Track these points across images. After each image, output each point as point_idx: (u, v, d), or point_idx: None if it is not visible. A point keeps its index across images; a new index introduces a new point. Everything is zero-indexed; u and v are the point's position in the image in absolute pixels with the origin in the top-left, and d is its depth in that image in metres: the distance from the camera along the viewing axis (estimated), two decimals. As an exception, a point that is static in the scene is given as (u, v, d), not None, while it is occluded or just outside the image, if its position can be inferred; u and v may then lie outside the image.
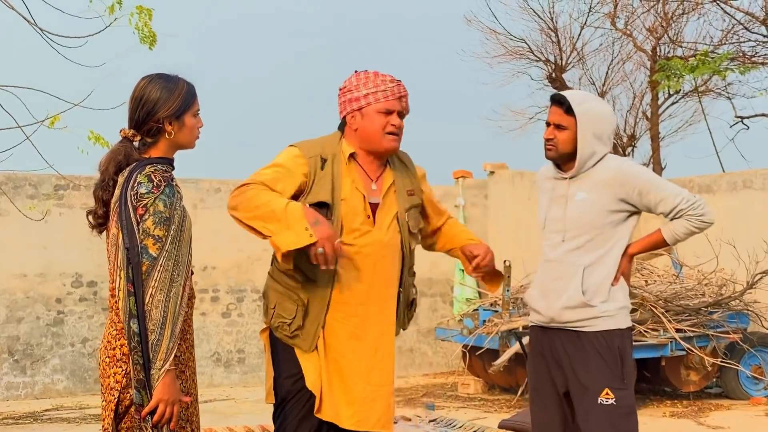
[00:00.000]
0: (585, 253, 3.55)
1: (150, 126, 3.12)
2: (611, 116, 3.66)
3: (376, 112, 3.58)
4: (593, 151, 3.59)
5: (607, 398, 3.45)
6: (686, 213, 3.53)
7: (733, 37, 14.20)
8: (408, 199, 3.69)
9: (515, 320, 8.76)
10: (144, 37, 7.04)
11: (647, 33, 15.12)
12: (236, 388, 10.43)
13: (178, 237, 3.01)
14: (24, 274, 9.75)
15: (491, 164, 11.88)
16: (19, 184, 9.76)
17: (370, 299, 3.58)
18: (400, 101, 3.62)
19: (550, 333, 3.65)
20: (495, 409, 8.68)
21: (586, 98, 3.67)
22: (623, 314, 3.55)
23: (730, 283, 9.14)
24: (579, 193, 3.61)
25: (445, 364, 11.73)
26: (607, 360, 3.48)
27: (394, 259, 3.64)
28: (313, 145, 3.62)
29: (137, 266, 2.97)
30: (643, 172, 3.62)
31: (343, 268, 3.53)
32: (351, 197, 3.55)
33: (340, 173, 3.56)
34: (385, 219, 3.61)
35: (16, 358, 9.64)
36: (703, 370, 8.78)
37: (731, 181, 10.92)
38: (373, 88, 3.59)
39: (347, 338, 3.57)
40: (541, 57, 15.51)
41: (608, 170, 3.58)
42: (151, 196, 2.99)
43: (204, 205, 10.52)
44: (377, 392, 3.58)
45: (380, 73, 3.65)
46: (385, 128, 3.59)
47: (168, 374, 2.95)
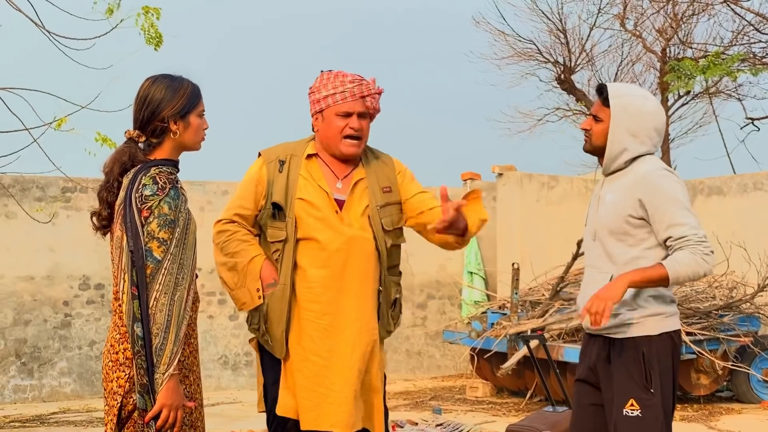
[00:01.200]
0: (613, 260, 3.41)
1: (155, 126, 3.10)
2: (655, 114, 3.42)
3: (334, 114, 3.53)
4: (624, 148, 3.39)
5: (633, 410, 3.31)
6: (693, 245, 3.24)
7: (743, 38, 14.11)
8: (383, 196, 3.63)
9: (523, 323, 8.70)
10: (150, 38, 7.02)
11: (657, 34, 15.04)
12: (243, 391, 10.40)
13: (183, 240, 2.98)
14: (31, 277, 9.74)
15: (500, 166, 11.82)
16: (26, 187, 9.75)
17: (343, 296, 3.51)
18: (362, 102, 3.54)
19: (590, 339, 3.54)
20: (503, 412, 8.62)
21: (629, 92, 3.45)
22: (653, 321, 3.37)
23: (740, 285, 9.06)
24: (609, 194, 3.45)
25: (453, 367, 11.68)
26: (631, 370, 3.34)
27: (368, 255, 3.56)
28: (276, 149, 3.63)
29: (141, 269, 2.94)
30: (671, 187, 3.32)
31: (311, 266, 3.49)
32: (311, 195, 3.52)
33: (297, 173, 3.54)
34: (353, 214, 3.56)
35: (23, 361, 9.62)
36: (713, 374, 8.70)
37: (742, 183, 10.84)
38: (332, 89, 3.53)
39: (322, 337, 3.50)
40: (549, 58, 15.43)
41: (637, 174, 3.37)
42: (156, 198, 2.96)
43: (211, 207, 10.49)
44: (355, 392, 3.50)
45: (343, 72, 3.58)
46: (342, 132, 3.53)
47: (172, 379, 2.92)
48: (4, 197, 9.49)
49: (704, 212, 11.13)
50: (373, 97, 3.59)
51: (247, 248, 3.53)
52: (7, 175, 9.32)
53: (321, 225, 3.51)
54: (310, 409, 3.46)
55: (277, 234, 3.52)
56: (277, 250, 3.51)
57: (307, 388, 3.47)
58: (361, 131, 3.57)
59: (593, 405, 3.51)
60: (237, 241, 3.55)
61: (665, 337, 3.38)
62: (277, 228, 3.52)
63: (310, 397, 3.47)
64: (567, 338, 8.38)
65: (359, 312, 3.54)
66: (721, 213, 10.85)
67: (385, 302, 3.67)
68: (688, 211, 3.30)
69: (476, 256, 11.58)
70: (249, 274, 3.47)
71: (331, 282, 3.50)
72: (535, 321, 8.68)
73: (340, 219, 3.54)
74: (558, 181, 11.95)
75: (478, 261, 11.55)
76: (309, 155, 3.60)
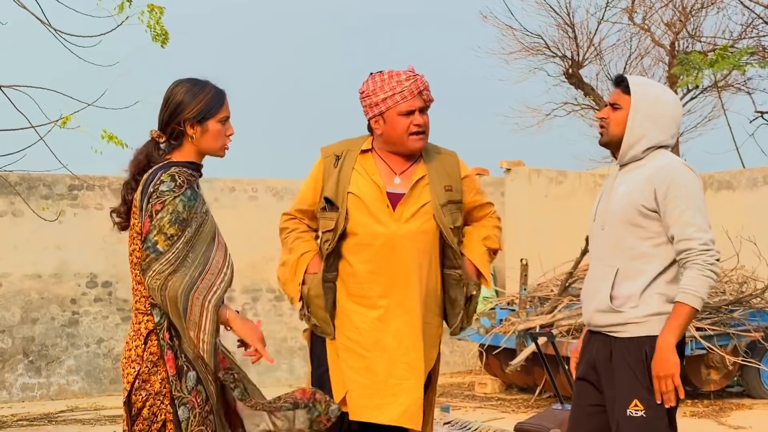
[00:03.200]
0: (621, 252, 3.34)
1: (173, 128, 3.14)
2: (674, 104, 3.39)
3: (397, 114, 3.55)
4: (643, 134, 3.33)
5: (636, 410, 3.26)
6: (696, 256, 3.18)
7: (752, 31, 14.04)
8: (445, 194, 3.63)
9: (532, 319, 8.66)
10: (156, 35, 6.99)
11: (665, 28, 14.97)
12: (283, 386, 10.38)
13: (194, 238, 3.02)
14: (38, 275, 9.73)
15: (508, 161, 11.79)
16: (33, 185, 9.75)
17: (393, 290, 3.55)
18: (420, 97, 3.57)
19: (592, 336, 3.48)
20: (512, 409, 8.59)
21: (648, 82, 3.47)
22: (657, 320, 3.28)
23: (750, 280, 9.00)
24: (622, 185, 3.38)
25: (462, 363, 11.64)
26: (635, 369, 3.28)
27: (420, 250, 3.57)
28: (334, 145, 3.71)
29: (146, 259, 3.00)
30: (686, 183, 3.25)
31: (357, 260, 3.55)
32: (361, 189, 3.57)
33: (350, 167, 3.60)
34: (408, 210, 3.57)
35: (31, 359, 9.62)
36: (723, 369, 8.65)
37: (751, 177, 10.77)
38: (389, 91, 3.55)
39: (369, 330, 3.56)
40: (557, 53, 15.39)
41: (655, 167, 3.30)
42: (172, 194, 3.00)
43: (218, 204, 10.46)
44: (401, 385, 3.53)
45: (395, 72, 3.59)
46: (408, 130, 3.56)
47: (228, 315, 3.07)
48: (11, 195, 9.48)
49: (713, 207, 11.04)
50: (429, 90, 3.63)
51: (300, 244, 3.66)
52: (14, 173, 9.31)
53: (369, 220, 3.56)
54: (351, 399, 3.53)
55: (327, 224, 3.61)
56: (327, 240, 3.60)
57: (350, 378, 3.55)
58: (425, 126, 3.61)
59: (593, 405, 3.45)
60: (293, 237, 3.69)
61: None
62: (328, 218, 3.60)
63: (353, 387, 3.55)
64: (576, 334, 8.33)
65: (407, 306, 3.56)
66: (730, 207, 10.78)
67: (451, 299, 3.68)
68: (699, 212, 3.23)
69: (484, 251, 11.54)
70: (298, 269, 3.60)
71: (377, 277, 3.55)
72: (543, 317, 8.64)
73: (391, 214, 3.56)
74: (566, 176, 11.90)
75: (486, 257, 11.50)
76: (364, 150, 3.64)
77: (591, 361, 3.45)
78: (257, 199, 10.75)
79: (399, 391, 3.52)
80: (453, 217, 3.64)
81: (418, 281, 3.57)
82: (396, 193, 3.58)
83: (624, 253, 3.32)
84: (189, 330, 2.96)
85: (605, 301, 3.34)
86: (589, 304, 3.44)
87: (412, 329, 3.56)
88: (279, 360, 10.60)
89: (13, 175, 9.42)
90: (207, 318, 2.97)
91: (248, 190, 10.76)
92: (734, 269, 8.94)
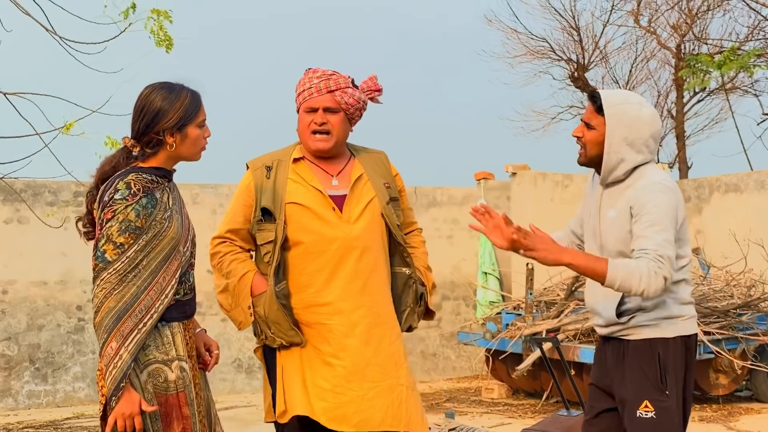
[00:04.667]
0: None
1: (150, 138, 3.05)
2: (651, 122, 3.30)
3: (303, 111, 3.53)
4: (621, 158, 3.28)
5: (647, 411, 3.26)
6: (649, 259, 3.09)
7: (759, 33, 13.98)
8: (386, 191, 3.60)
9: (538, 324, 8.62)
10: (160, 40, 6.98)
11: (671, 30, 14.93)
12: (258, 394, 10.34)
13: (150, 245, 2.94)
14: (44, 282, 9.73)
15: (513, 165, 11.75)
16: (38, 192, 9.74)
17: (352, 293, 3.44)
18: (331, 96, 3.48)
19: (605, 342, 3.48)
20: (519, 414, 8.54)
21: (623, 99, 3.33)
22: (669, 323, 3.30)
23: (759, 284, 8.94)
24: (611, 210, 3.35)
25: (468, 368, 11.60)
26: (646, 370, 3.28)
27: (373, 249, 3.50)
28: (263, 157, 3.59)
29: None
30: (656, 204, 3.19)
31: (312, 268, 3.44)
32: (303, 197, 3.47)
33: (285, 177, 3.49)
34: (355, 209, 3.51)
35: (36, 366, 9.61)
36: (732, 374, 8.59)
37: (759, 179, 10.71)
38: (301, 87, 3.53)
39: (335, 337, 3.44)
40: (563, 56, 15.36)
41: (635, 188, 3.27)
42: (124, 203, 2.92)
43: (223, 210, 10.45)
44: (375, 389, 3.43)
45: (314, 69, 3.55)
46: (309, 127, 3.51)
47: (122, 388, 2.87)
48: (16, 202, 9.48)
49: (721, 209, 11.02)
50: (344, 91, 3.50)
51: (237, 266, 3.50)
52: (19, 180, 9.31)
53: (318, 225, 3.45)
54: (331, 409, 3.40)
55: (266, 236, 3.47)
56: (267, 252, 3.46)
57: (327, 390, 3.41)
58: (327, 125, 3.50)
59: (606, 411, 3.45)
60: (228, 261, 3.51)
61: (680, 340, 3.32)
62: (266, 230, 3.47)
63: (329, 397, 3.40)
64: (583, 339, 8.29)
65: (369, 308, 3.48)
66: (738, 210, 10.72)
67: (396, 296, 3.60)
68: (663, 230, 3.16)
69: (491, 256, 11.50)
70: (240, 292, 3.44)
71: (336, 281, 3.44)
72: (550, 322, 8.59)
73: (340, 216, 3.48)
74: (572, 179, 11.85)
75: (492, 261, 11.46)
76: (296, 159, 3.56)
77: (604, 366, 3.46)
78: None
79: (374, 395, 3.42)
80: (396, 214, 3.61)
81: (376, 281, 3.51)
82: (338, 195, 3.52)
83: None
84: (101, 360, 2.88)
85: (613, 318, 3.35)
86: (598, 318, 3.45)
87: (377, 330, 3.48)
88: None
89: (19, 182, 9.42)
90: (121, 360, 2.85)
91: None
92: (742, 272, 8.88)
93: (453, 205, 11.84)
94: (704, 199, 11.26)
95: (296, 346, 3.46)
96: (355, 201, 3.53)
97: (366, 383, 3.42)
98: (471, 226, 3.36)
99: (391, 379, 3.47)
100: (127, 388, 2.88)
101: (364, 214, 3.52)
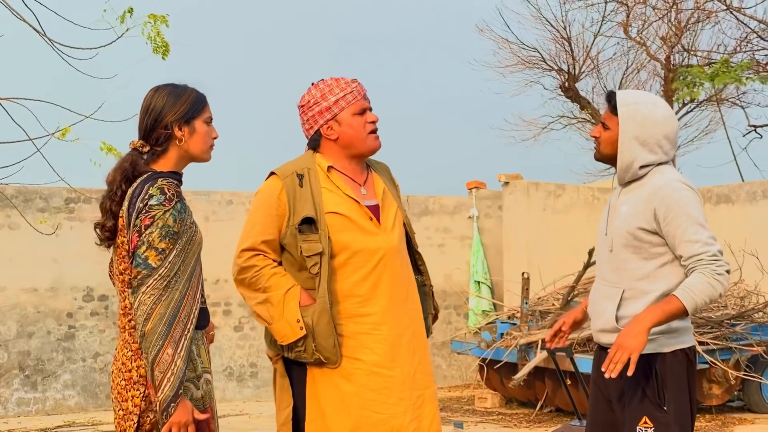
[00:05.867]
0: (627, 274, 3.32)
1: (158, 134, 3.03)
2: (663, 121, 3.31)
3: (351, 115, 3.49)
4: (634, 157, 3.30)
5: (646, 427, 3.26)
6: (705, 265, 3.13)
7: (747, 45, 14.06)
8: (400, 201, 3.67)
9: (534, 333, 8.61)
10: (156, 47, 6.94)
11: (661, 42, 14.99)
12: (249, 402, 10.29)
13: (185, 250, 2.92)
14: (35, 289, 9.65)
15: (505, 175, 11.76)
16: (29, 198, 9.67)
17: (395, 303, 3.46)
18: (366, 98, 3.54)
19: (602, 352, 3.45)
20: (514, 423, 8.52)
21: (638, 99, 3.36)
22: (665, 338, 3.28)
23: (752, 294, 8.97)
24: (624, 206, 3.36)
25: (459, 377, 11.58)
26: (644, 387, 3.27)
27: (405, 258, 3.56)
28: (288, 165, 3.53)
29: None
30: (685, 201, 3.21)
31: (358, 278, 3.42)
32: (341, 207, 3.44)
33: (319, 186, 3.45)
34: (389, 219, 3.53)
35: (27, 374, 9.52)
36: (725, 384, 8.60)
37: (751, 191, 10.76)
38: (340, 92, 3.50)
39: (384, 348, 3.42)
40: (554, 66, 15.38)
41: (653, 186, 3.27)
42: (162, 208, 2.89)
43: (216, 217, 10.41)
44: (424, 395, 3.49)
45: (336, 77, 3.56)
46: (366, 128, 3.51)
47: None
48: (7, 208, 9.41)
49: (713, 220, 11.01)
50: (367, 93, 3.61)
51: (279, 280, 3.41)
52: (10, 185, 9.23)
53: (360, 236, 3.44)
54: (382, 422, 3.38)
55: (313, 247, 3.39)
56: (315, 263, 3.39)
57: (377, 401, 3.39)
58: (377, 122, 3.58)
59: (606, 422, 3.45)
60: (267, 275, 3.41)
61: (679, 353, 3.30)
62: (311, 241, 3.39)
63: (382, 409, 3.39)
64: (578, 348, 8.28)
65: (411, 317, 3.52)
66: (729, 221, 10.76)
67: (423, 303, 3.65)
68: (702, 227, 3.19)
69: (483, 265, 11.50)
70: (287, 305, 3.36)
71: (381, 292, 3.44)
72: (545, 331, 8.58)
73: (378, 226, 3.48)
74: (564, 189, 11.87)
75: (485, 270, 11.46)
76: (328, 167, 3.52)
77: (602, 379, 3.40)
78: (255, 212, 10.68)
79: (422, 403, 3.47)
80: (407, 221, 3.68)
81: (413, 290, 3.56)
82: (371, 205, 3.51)
83: (629, 275, 3.31)
84: (156, 366, 2.81)
85: (611, 322, 3.33)
86: (596, 323, 3.44)
87: (419, 338, 3.53)
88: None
89: (10, 188, 9.34)
90: (176, 366, 2.83)
91: (245, 203, 10.71)
92: (736, 283, 8.90)
93: (445, 214, 11.83)
94: (696, 209, 11.31)
95: (330, 365, 3.39)
96: (386, 210, 3.54)
97: (416, 391, 3.46)
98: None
99: (432, 385, 3.55)
100: (182, 397, 2.84)
101: (396, 223, 3.54)
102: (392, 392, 3.41)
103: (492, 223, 11.93)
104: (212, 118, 3.14)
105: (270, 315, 3.40)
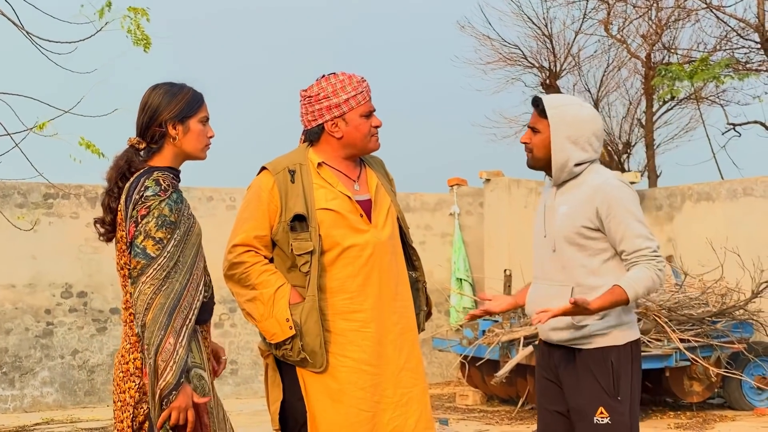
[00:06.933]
0: (572, 272, 3.41)
1: (153, 131, 3.09)
2: (591, 120, 3.45)
3: (359, 116, 3.50)
4: (568, 157, 3.43)
5: (602, 417, 3.36)
6: (647, 260, 3.31)
7: (726, 44, 14.13)
8: (394, 196, 3.68)
9: (516, 330, 8.60)
10: (137, 39, 6.86)
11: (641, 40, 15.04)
12: (229, 400, 10.23)
13: (183, 241, 2.96)
14: (12, 285, 9.54)
15: (487, 172, 11.75)
16: (7, 193, 9.55)
17: (383, 300, 3.46)
18: (371, 100, 3.57)
19: (550, 349, 3.55)
20: (496, 420, 8.52)
21: (564, 101, 3.50)
22: (618, 331, 3.40)
23: (733, 292, 9.01)
24: (563, 206, 3.47)
25: (440, 374, 11.57)
26: (599, 378, 3.38)
27: (397, 254, 3.56)
28: (280, 160, 3.55)
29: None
30: (624, 199, 3.37)
31: (347, 275, 3.42)
32: (333, 203, 3.45)
33: (311, 183, 3.46)
34: (380, 215, 3.53)
35: (4, 371, 9.41)
36: (706, 381, 8.63)
37: (731, 188, 10.80)
38: (351, 91, 3.49)
39: (371, 345, 3.43)
40: (535, 63, 15.41)
41: (591, 186, 3.41)
42: (157, 198, 2.94)
43: (196, 213, 10.19)
44: (410, 393, 3.49)
45: (348, 74, 3.55)
46: (370, 131, 3.54)
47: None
48: (-15, 203, 9.29)
49: (693, 218, 11.09)
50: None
51: (269, 278, 3.40)
52: (-12, 180, 9.13)
53: (350, 232, 3.43)
54: (367, 420, 3.40)
55: (303, 246, 3.39)
56: (306, 262, 3.39)
57: (364, 399, 3.41)
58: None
59: (558, 412, 3.53)
60: (257, 272, 3.41)
61: (629, 346, 3.45)
62: (302, 239, 3.39)
63: (367, 407, 3.41)
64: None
65: (400, 314, 3.51)
66: (709, 219, 10.81)
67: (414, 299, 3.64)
68: (641, 224, 3.36)
69: (465, 262, 11.48)
70: (276, 304, 3.35)
71: (370, 289, 3.44)
72: (527, 328, 8.58)
73: (367, 223, 3.48)
74: (546, 186, 11.87)
75: (466, 267, 11.45)
76: (319, 163, 3.51)
77: (552, 374, 3.54)
78: (235, 208, 10.60)
79: (408, 401, 3.47)
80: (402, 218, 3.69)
81: (404, 286, 3.56)
82: (362, 200, 3.52)
83: (577, 272, 3.42)
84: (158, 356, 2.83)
85: (565, 319, 3.40)
86: (544, 324, 3.45)
87: (407, 335, 3.53)
88: (256, 371, 10.46)
89: (-13, 182, 9.23)
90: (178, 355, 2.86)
91: (226, 200, 10.65)
92: (717, 281, 8.94)
93: (426, 211, 11.81)
94: (676, 207, 11.34)
95: (315, 368, 3.37)
96: (379, 206, 3.54)
97: (400, 389, 3.46)
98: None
99: (421, 383, 3.54)
100: (183, 383, 2.89)
101: (388, 219, 3.54)
102: (377, 390, 3.43)
103: (473, 220, 11.92)
104: (209, 118, 3.20)
105: (260, 313, 3.39)
